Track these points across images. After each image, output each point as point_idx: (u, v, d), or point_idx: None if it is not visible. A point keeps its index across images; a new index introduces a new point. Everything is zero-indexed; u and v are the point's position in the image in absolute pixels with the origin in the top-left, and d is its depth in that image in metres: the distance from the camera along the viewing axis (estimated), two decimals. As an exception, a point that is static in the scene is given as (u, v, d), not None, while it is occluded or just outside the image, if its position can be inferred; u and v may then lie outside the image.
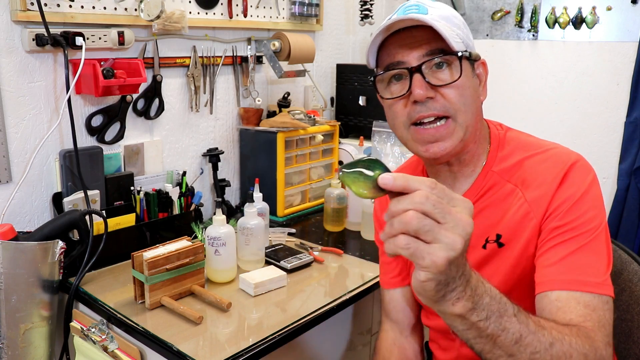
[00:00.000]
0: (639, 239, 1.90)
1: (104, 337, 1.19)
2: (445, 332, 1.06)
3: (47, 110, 1.43)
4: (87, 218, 1.33)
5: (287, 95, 2.02)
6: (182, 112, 1.76)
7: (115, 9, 1.49)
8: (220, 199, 1.81)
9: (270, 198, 1.74)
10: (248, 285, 1.30)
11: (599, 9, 1.92)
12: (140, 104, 1.64)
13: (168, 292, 1.23)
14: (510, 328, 0.66)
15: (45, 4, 1.34)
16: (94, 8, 1.45)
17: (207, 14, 1.75)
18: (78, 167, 1.41)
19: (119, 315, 1.19)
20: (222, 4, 1.78)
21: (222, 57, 1.83)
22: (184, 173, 1.69)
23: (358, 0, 2.23)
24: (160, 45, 1.65)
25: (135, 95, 1.60)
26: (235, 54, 1.88)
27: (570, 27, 1.99)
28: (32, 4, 1.32)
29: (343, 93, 2.29)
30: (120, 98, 1.55)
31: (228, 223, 1.37)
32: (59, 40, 1.34)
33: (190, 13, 1.70)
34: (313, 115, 1.98)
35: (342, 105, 2.30)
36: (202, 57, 1.77)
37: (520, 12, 2.09)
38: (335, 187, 1.75)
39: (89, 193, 1.42)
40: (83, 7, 1.42)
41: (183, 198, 1.63)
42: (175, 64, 1.71)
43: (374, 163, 0.61)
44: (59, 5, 1.37)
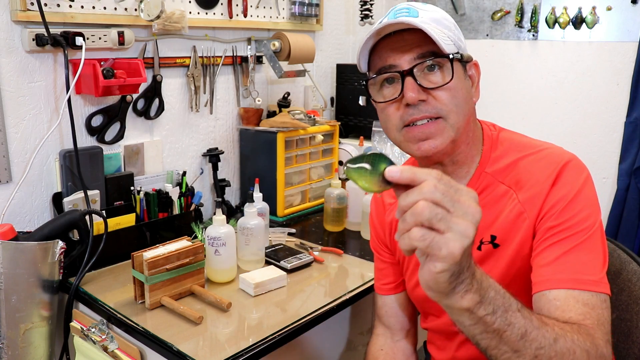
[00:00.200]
0: (639, 239, 1.90)
1: (104, 337, 1.20)
2: (443, 332, 1.07)
3: (47, 110, 1.43)
4: (87, 218, 1.33)
5: (287, 95, 2.02)
6: (182, 112, 1.76)
7: (115, 9, 1.49)
8: (220, 199, 1.81)
9: (270, 198, 1.74)
10: (248, 285, 1.30)
11: (599, 9, 1.92)
12: (140, 104, 1.64)
13: (168, 292, 1.23)
14: (516, 323, 0.66)
15: (45, 4, 1.34)
16: (94, 8, 1.45)
17: (207, 14, 1.75)
18: (78, 167, 1.41)
19: (119, 315, 1.19)
20: (222, 4, 1.78)
21: (222, 57, 1.83)
22: (184, 173, 1.69)
23: (358, 0, 2.23)
24: (160, 45, 1.65)
25: (135, 95, 1.60)
26: (235, 54, 1.88)
27: (570, 27, 1.99)
28: (32, 4, 1.32)
29: (343, 93, 2.29)
30: (120, 98, 1.55)
31: (228, 223, 1.37)
32: (59, 40, 1.35)
33: (190, 13, 1.70)
34: (313, 115, 1.98)
35: (342, 105, 2.30)
36: (202, 57, 1.77)
37: (520, 12, 2.09)
38: (335, 187, 1.74)
39: (89, 193, 1.42)
40: (83, 7, 1.42)
41: (183, 198, 1.63)
42: (175, 64, 1.71)
43: (379, 157, 0.62)
44: (59, 5, 1.37)
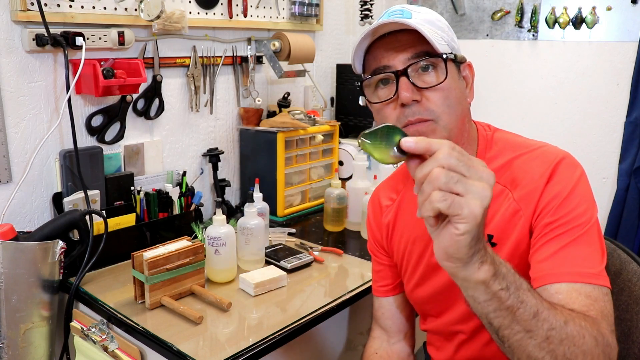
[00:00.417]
0: (639, 239, 1.90)
1: (104, 337, 1.20)
2: (443, 333, 1.07)
3: (47, 110, 1.43)
4: (87, 218, 1.33)
5: (287, 95, 2.02)
6: (182, 112, 1.76)
7: (115, 9, 1.49)
8: (220, 199, 1.81)
9: (270, 198, 1.74)
10: (248, 285, 1.30)
11: (599, 9, 1.92)
12: (140, 104, 1.64)
13: (168, 292, 1.23)
14: (528, 301, 0.67)
15: (45, 4, 1.34)
16: (94, 8, 1.45)
17: (207, 14, 1.75)
18: (78, 167, 1.41)
19: (119, 315, 1.19)
20: (222, 4, 1.78)
21: (222, 57, 1.83)
22: (184, 173, 1.69)
23: (358, 0, 2.22)
24: (160, 45, 1.65)
25: (135, 95, 1.60)
26: (235, 54, 1.88)
27: (570, 27, 1.99)
28: (32, 4, 1.32)
29: (343, 93, 2.29)
30: (120, 98, 1.55)
31: (228, 223, 1.37)
32: (59, 40, 1.35)
33: (190, 13, 1.70)
34: (313, 115, 1.98)
35: (342, 105, 2.30)
36: (202, 57, 1.77)
37: (520, 12, 2.09)
38: (335, 187, 1.75)
39: (89, 193, 1.42)
40: (83, 7, 1.43)
41: (183, 198, 1.63)
42: (175, 64, 1.71)
43: (393, 129, 0.64)
44: (59, 5, 1.37)
